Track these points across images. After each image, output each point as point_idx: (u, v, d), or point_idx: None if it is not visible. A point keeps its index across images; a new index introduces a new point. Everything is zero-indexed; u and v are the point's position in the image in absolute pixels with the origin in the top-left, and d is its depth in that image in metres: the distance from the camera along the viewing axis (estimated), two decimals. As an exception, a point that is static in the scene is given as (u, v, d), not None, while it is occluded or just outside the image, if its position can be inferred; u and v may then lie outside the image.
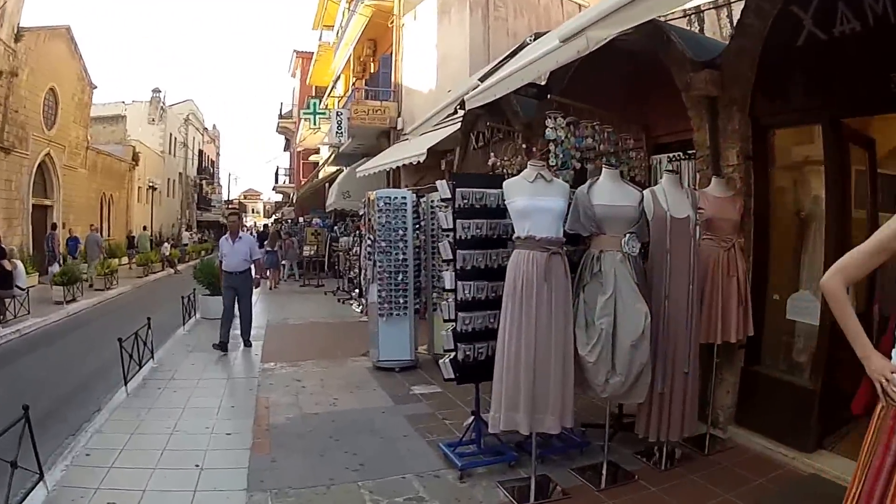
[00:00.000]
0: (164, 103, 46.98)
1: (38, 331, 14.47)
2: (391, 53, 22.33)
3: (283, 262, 24.45)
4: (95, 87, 30.31)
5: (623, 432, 6.07)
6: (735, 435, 6.20)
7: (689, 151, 7.11)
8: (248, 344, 11.16)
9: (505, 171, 8.74)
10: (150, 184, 37.22)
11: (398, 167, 16.70)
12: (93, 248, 24.55)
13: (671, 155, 7.57)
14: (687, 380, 5.32)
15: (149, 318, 9.86)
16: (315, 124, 24.83)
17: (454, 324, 5.44)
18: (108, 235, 32.77)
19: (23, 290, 14.94)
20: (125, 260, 30.61)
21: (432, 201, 9.64)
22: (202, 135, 60.87)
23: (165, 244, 31.77)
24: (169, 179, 48.70)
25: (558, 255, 4.84)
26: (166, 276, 28.99)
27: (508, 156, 9.19)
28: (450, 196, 5.54)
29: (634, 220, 5.03)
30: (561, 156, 6.76)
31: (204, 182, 62.00)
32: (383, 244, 9.25)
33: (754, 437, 6.01)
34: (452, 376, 5.45)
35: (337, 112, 22.22)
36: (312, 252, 23.10)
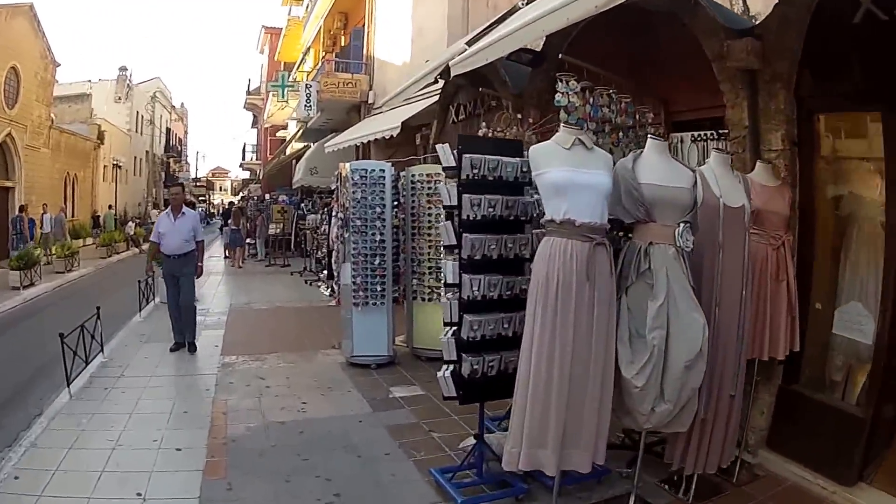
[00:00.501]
0: (130, 81, 44.78)
1: None
2: (363, 25, 21.11)
3: (249, 240, 23.17)
4: (59, 65, 28.50)
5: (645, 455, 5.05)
6: (766, 460, 5.19)
7: (720, 131, 6.07)
8: (192, 349, 9.20)
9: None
10: (115, 162, 35.30)
11: (369, 142, 15.79)
12: (57, 229, 23.25)
13: (696, 133, 6.54)
14: (732, 403, 4.37)
15: (98, 308, 8.67)
16: (283, 97, 23.42)
17: (457, 328, 4.30)
18: (73, 216, 31.18)
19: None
20: (90, 241, 29.08)
21: (413, 175, 8.64)
22: (170, 113, 58.49)
23: (130, 223, 29.96)
24: (136, 158, 46.66)
25: (603, 245, 3.78)
26: (131, 255, 27.36)
27: (502, 126, 8.09)
28: (454, 164, 4.37)
29: (688, 206, 3.97)
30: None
31: (171, 160, 59.71)
32: (358, 223, 8.10)
33: (788, 464, 5.01)
34: (454, 394, 4.31)
35: (306, 85, 20.86)
36: (278, 231, 21.78)
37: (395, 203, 8.54)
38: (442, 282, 5.81)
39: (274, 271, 19.67)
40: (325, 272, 14.92)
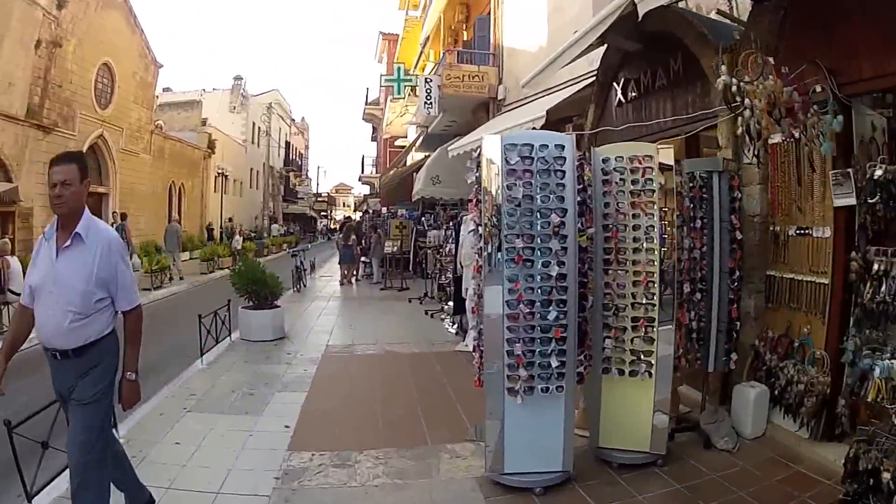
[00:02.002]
0: (245, 91, 43.53)
1: (31, 349, 10.33)
2: (488, 13, 17.76)
3: (364, 259, 19.99)
4: (161, 66, 26.83)
5: None
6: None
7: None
8: None
9: (746, 98, 4.63)
10: (221, 171, 33.48)
11: (479, 149, 11.91)
12: (172, 240, 20.88)
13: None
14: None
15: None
16: (399, 93, 20.12)
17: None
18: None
19: (18, 294, 10.87)
20: (196, 254, 26.75)
21: (606, 159, 5.12)
22: (289, 126, 57.27)
23: (237, 236, 27.56)
24: (252, 170, 45.22)
25: None
26: (238, 271, 24.87)
27: (752, 76, 4.40)
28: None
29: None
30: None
31: (291, 174, 58.41)
32: (517, 243, 4.47)
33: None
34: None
35: (426, 79, 17.49)
36: (396, 248, 18.47)
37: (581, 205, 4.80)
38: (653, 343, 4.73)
39: (389, 296, 16.30)
40: (452, 304, 11.32)
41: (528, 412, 4.48)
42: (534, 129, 10.24)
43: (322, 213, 76.25)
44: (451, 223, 11.62)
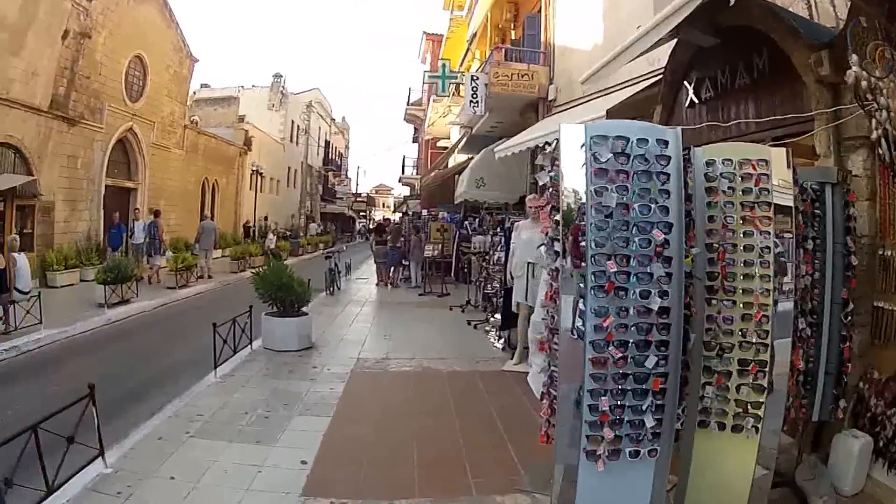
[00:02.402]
0: (284, 88, 42.89)
1: (38, 351, 9.78)
2: (539, 11, 16.67)
3: (404, 261, 19.03)
4: (197, 61, 26.00)
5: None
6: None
7: None
8: None
9: (877, 94, 4.05)
10: (256, 168, 32.56)
11: (555, 141, 10.83)
12: (208, 238, 20.19)
13: None
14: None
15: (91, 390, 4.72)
16: (443, 90, 19.04)
17: None
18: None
19: (25, 293, 10.18)
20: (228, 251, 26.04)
21: (712, 163, 3.93)
22: (329, 125, 56.57)
23: (270, 235, 26.69)
24: (290, 168, 44.53)
25: None
26: (269, 272, 24.04)
27: (881, 71, 3.32)
28: None
29: None
30: None
31: (330, 173, 57.73)
32: (609, 266, 3.33)
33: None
34: None
35: (472, 77, 16.41)
36: (436, 252, 17.41)
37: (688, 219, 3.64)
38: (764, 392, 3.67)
39: (429, 302, 15.24)
40: (498, 316, 10.23)
41: (611, 479, 3.38)
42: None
43: (361, 214, 75.60)
44: (498, 228, 10.55)
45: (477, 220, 16.94)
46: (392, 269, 18.91)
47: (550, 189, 3.76)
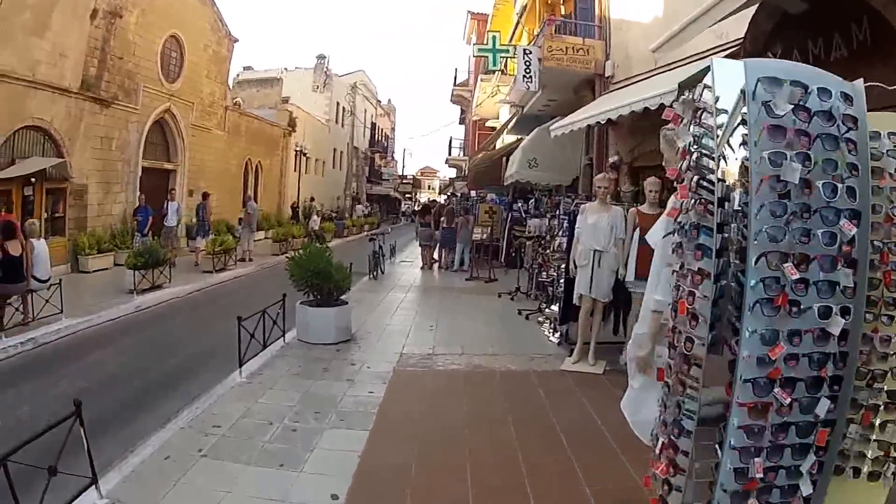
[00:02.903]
0: (328, 69, 42.14)
1: (57, 343, 9.11)
2: (593, -18, 15.32)
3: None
4: (237, 41, 25.17)
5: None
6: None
7: None
8: None
9: None
10: (299, 148, 31.19)
11: (607, 122, 10.91)
12: (254, 219, 19.81)
13: None
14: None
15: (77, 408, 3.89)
16: (494, 65, 17.80)
17: None
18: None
19: (44, 282, 9.44)
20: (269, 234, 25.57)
21: (873, 134, 2.69)
22: (375, 107, 55.74)
23: (314, 216, 25.93)
24: (335, 150, 43.70)
25: None
26: (312, 253, 23.25)
27: None
28: None
29: None
30: None
31: (377, 155, 56.95)
32: (786, 271, 2.25)
33: None
34: None
35: (524, 50, 15.18)
36: (485, 235, 16.35)
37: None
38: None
39: (475, 288, 14.25)
40: (555, 308, 9.16)
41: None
42: (656, 108, 8.21)
43: (407, 196, 74.78)
44: (556, 211, 9.46)
45: (531, 202, 15.75)
46: (444, 251, 18.01)
47: (688, 155, 2.66)
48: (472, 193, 22.33)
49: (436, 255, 18.47)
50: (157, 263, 12.71)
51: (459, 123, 47.03)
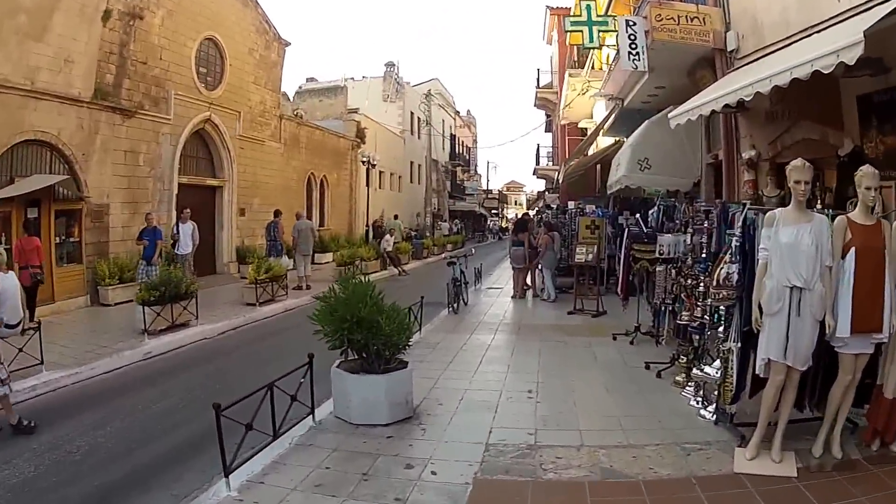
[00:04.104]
0: (399, 77, 40.17)
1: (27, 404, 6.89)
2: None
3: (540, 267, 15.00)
4: (288, 44, 23.24)
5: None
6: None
7: None
8: None
9: None
10: (366, 159, 28.21)
11: (734, 109, 9.40)
12: (305, 241, 17.47)
13: None
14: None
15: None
16: (592, 41, 14.72)
17: None
18: (321, 225, 26.10)
19: (13, 326, 7.20)
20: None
21: None
22: (453, 118, 53.29)
23: (387, 236, 23.31)
24: (412, 163, 41.42)
25: None
26: (387, 278, 20.86)
27: None
28: None
29: None
30: None
31: (458, 168, 54.37)
32: None
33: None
34: None
35: (628, 21, 12.08)
36: (590, 256, 12.93)
37: None
38: None
39: (582, 326, 11.31)
40: (708, 370, 6.09)
41: None
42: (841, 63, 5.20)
43: (493, 211, 71.87)
44: (704, 224, 6.37)
45: (651, 212, 12.26)
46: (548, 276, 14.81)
47: None
48: (571, 205, 19.16)
49: (529, 281, 15.55)
50: (176, 297, 10.47)
51: (546, 131, 43.89)
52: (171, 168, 16.71)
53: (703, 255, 6.39)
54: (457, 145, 53.55)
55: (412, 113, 41.68)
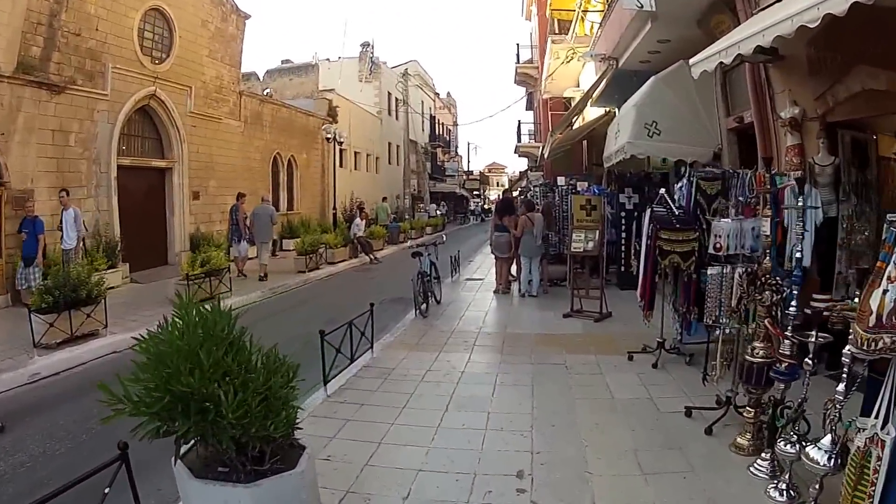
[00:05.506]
0: (374, 57, 38.02)
1: None
2: None
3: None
4: (248, 17, 20.78)
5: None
6: None
7: None
8: None
9: None
10: (332, 136, 24.84)
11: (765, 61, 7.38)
12: (263, 227, 15.25)
13: None
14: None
15: None
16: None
17: None
18: (290, 209, 23.72)
19: None
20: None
21: None
22: (433, 99, 50.78)
23: (357, 220, 20.45)
24: (390, 144, 39.00)
25: None
26: (356, 267, 18.39)
27: None
28: None
29: None
30: None
31: (438, 150, 51.71)
32: None
33: None
34: None
35: (631, -43, 9.60)
36: (590, 245, 10.27)
37: None
38: None
39: (583, 336, 8.69)
40: (789, 448, 3.52)
41: None
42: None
43: (474, 193, 69.31)
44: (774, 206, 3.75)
45: (692, 186, 8.79)
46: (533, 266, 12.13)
47: None
48: (561, 181, 16.52)
49: (514, 272, 12.90)
50: (75, 303, 8.08)
51: (527, 109, 41.20)
52: (108, 148, 14.41)
53: (798, 254, 3.83)
54: (437, 126, 51.04)
55: (389, 93, 39.55)
